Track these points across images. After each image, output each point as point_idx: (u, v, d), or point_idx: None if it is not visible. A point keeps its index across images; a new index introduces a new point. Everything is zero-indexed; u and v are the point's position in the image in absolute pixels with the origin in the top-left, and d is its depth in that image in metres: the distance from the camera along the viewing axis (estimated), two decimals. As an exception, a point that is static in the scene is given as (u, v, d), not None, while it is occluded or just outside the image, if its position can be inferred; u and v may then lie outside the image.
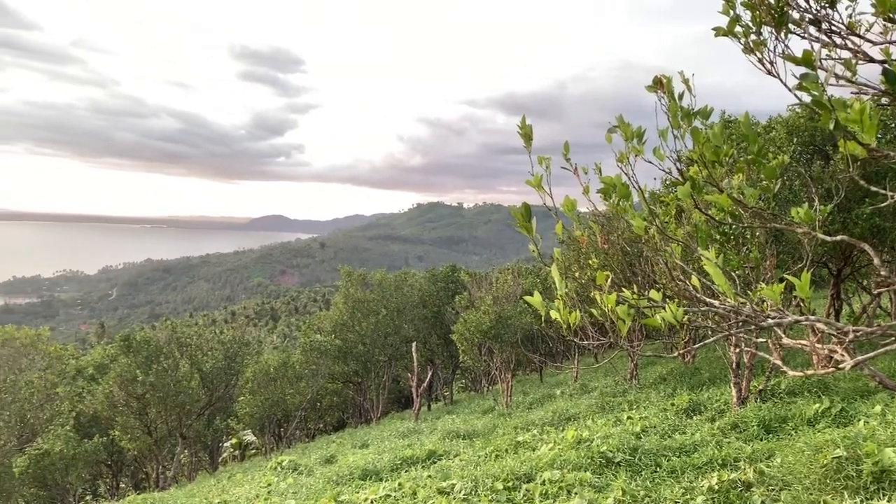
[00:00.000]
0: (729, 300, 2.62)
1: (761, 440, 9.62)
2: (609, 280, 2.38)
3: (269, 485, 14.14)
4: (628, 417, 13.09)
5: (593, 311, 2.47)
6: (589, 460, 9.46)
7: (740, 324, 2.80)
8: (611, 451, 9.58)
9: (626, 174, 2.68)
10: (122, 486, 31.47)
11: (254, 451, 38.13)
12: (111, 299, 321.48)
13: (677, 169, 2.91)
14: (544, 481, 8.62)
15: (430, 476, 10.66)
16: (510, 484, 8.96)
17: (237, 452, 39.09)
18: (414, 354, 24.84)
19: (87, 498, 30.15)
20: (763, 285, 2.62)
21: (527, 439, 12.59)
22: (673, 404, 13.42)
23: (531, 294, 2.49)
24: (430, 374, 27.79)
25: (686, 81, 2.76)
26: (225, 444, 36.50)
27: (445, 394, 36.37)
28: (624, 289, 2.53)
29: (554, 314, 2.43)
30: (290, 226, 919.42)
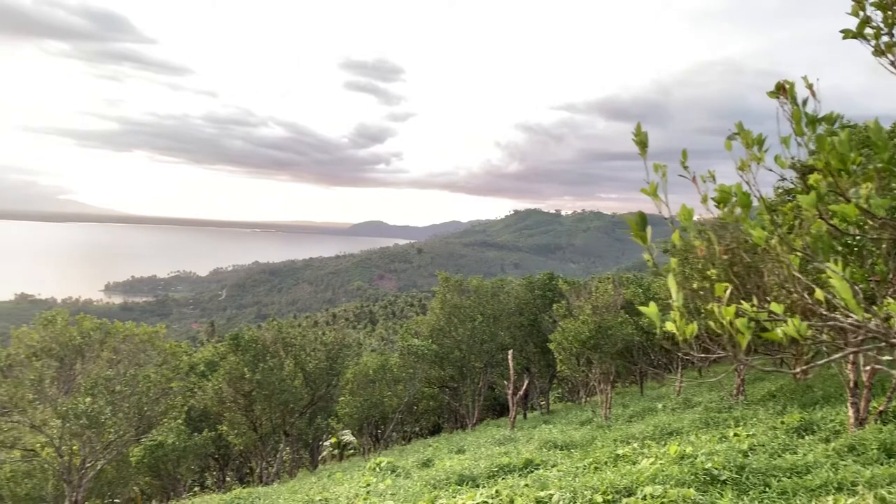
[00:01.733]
0: (854, 315, 2.50)
1: (882, 465, 9.03)
2: (728, 291, 2.31)
3: (369, 485, 14.44)
4: (734, 434, 12.59)
5: (711, 323, 2.41)
6: (693, 476, 9.16)
7: (866, 340, 2.67)
8: (716, 469, 9.25)
9: (746, 182, 2.61)
10: (228, 479, 32.82)
11: (351, 451, 38.99)
12: (221, 300, 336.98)
13: (798, 177, 2.81)
14: (645, 496, 8.42)
15: (527, 485, 10.61)
16: (610, 497, 8.80)
17: (336, 452, 40.08)
18: (510, 362, 24.77)
19: (196, 489, 31.59)
20: (891, 300, 2.49)
21: (627, 452, 12.32)
22: (783, 422, 12.81)
23: (632, 304, 2.46)
24: (526, 382, 27.62)
25: (810, 87, 2.65)
26: (325, 443, 37.50)
27: (541, 403, 36.04)
28: (742, 301, 2.46)
29: (669, 325, 2.39)
30: (388, 231, 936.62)
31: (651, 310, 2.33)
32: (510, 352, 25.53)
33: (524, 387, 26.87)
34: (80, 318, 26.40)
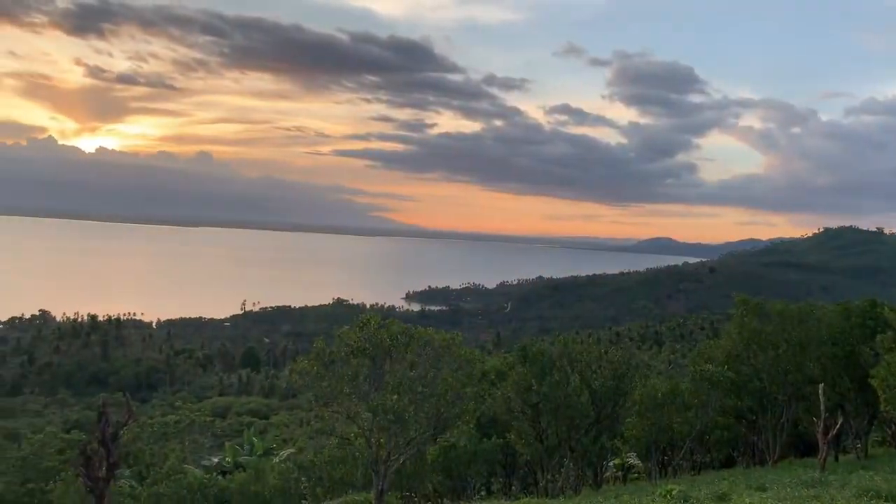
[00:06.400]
0: None
1: None
2: None
3: (659, 512, 14.00)
4: None
5: None
6: None
7: None
8: None
9: None
10: (514, 487, 33.83)
11: (635, 475, 37.99)
12: (506, 312, 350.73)
13: None
14: None
15: (846, 536, 9.47)
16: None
17: (619, 473, 39.35)
18: (821, 397, 22.33)
19: (482, 493, 33.01)
20: None
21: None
22: None
23: None
24: (840, 421, 24.63)
25: None
26: (609, 463, 37.02)
27: (857, 446, 31.86)
28: None
29: None
30: (677, 249, 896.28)
31: None
32: (821, 386, 23.01)
33: (837, 426, 23.98)
34: (390, 322, 29.09)
